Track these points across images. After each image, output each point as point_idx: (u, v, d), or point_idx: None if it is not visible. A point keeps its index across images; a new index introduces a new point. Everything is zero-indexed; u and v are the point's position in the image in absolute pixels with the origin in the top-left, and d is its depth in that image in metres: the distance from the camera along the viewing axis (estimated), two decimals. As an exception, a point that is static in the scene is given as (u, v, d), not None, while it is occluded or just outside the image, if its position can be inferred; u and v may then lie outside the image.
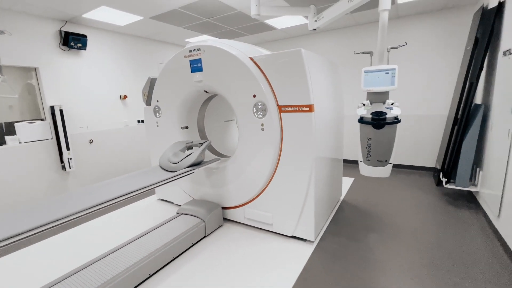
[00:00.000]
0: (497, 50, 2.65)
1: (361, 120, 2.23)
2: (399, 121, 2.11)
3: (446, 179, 3.17)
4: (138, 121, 4.80)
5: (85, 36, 3.79)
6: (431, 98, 4.14)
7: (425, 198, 3.30)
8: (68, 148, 3.66)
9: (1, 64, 3.05)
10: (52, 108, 3.56)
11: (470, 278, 1.86)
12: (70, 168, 3.71)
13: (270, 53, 2.34)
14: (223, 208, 2.86)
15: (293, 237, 2.48)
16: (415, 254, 2.18)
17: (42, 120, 3.65)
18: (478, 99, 3.27)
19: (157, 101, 3.10)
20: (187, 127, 3.11)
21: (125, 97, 4.53)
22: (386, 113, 2.11)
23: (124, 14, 3.53)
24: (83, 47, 3.80)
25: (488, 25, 2.76)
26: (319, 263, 2.11)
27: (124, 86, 4.57)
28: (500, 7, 2.63)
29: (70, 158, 3.69)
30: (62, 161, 3.70)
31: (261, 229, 2.67)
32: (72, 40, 3.65)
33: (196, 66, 2.63)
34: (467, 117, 2.98)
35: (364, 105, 2.39)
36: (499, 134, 2.42)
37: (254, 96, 2.35)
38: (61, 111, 3.57)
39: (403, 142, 4.45)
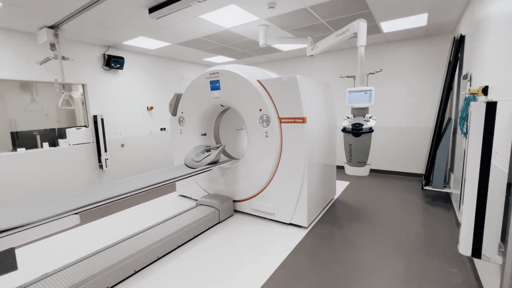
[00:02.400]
0: (461, 74, 3.22)
1: (344, 129, 2.83)
2: (372, 131, 2.69)
3: (425, 182, 3.68)
4: (161, 129, 5.54)
5: (122, 58, 4.59)
6: (419, 112, 4.68)
7: (408, 198, 3.81)
8: (105, 150, 4.39)
9: (60, 82, 3.83)
10: (95, 117, 4.33)
11: (432, 254, 2.38)
12: (106, 167, 4.43)
13: (273, 77, 3.00)
14: (234, 201, 3.47)
15: (290, 224, 3.06)
16: (388, 236, 2.71)
17: (86, 127, 4.42)
18: (453, 113, 3.81)
19: (182, 112, 3.80)
20: (205, 134, 3.78)
21: (151, 108, 5.29)
22: (363, 125, 2.71)
23: (156, 41, 4.32)
24: (121, 67, 4.60)
25: (455, 52, 3.35)
26: (309, 241, 2.68)
27: (150, 98, 5.34)
28: (462, 39, 3.22)
29: (107, 159, 4.42)
30: (100, 161, 4.43)
31: (264, 218, 3.25)
32: (113, 62, 4.45)
33: (215, 85, 3.32)
34: (440, 129, 3.52)
35: (348, 118, 3.00)
36: (460, 142, 2.96)
37: (260, 110, 2.99)
38: (102, 120, 4.33)
39: (395, 151, 4.97)
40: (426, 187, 3.63)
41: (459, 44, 3.25)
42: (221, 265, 2.32)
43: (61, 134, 4.29)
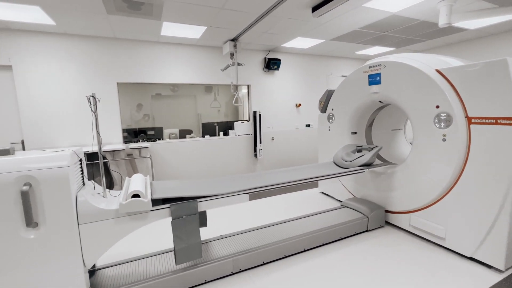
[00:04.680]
0: None
1: None
2: None
3: None
4: (306, 125, 5.74)
5: (279, 60, 5.08)
6: None
7: None
8: (260, 142, 5.06)
9: (234, 84, 4.73)
10: (254, 112, 5.06)
11: None
12: (259, 156, 5.11)
13: (461, 65, 2.31)
14: (386, 211, 3.03)
15: (471, 258, 2.30)
16: None
17: (247, 121, 5.27)
18: None
19: (332, 109, 3.71)
20: (356, 133, 3.52)
21: (299, 105, 5.57)
22: None
23: (311, 40, 4.44)
24: (277, 68, 5.10)
25: None
26: (508, 292, 1.90)
27: (299, 96, 5.62)
28: None
29: (261, 149, 5.09)
30: (255, 150, 5.16)
31: (428, 240, 2.63)
32: (271, 64, 5.01)
33: (374, 79, 2.98)
34: None
35: None
36: None
37: (437, 107, 2.39)
38: (260, 115, 5.00)
39: None
40: None
41: None
42: (367, 284, 2.07)
43: (230, 126, 5.34)
